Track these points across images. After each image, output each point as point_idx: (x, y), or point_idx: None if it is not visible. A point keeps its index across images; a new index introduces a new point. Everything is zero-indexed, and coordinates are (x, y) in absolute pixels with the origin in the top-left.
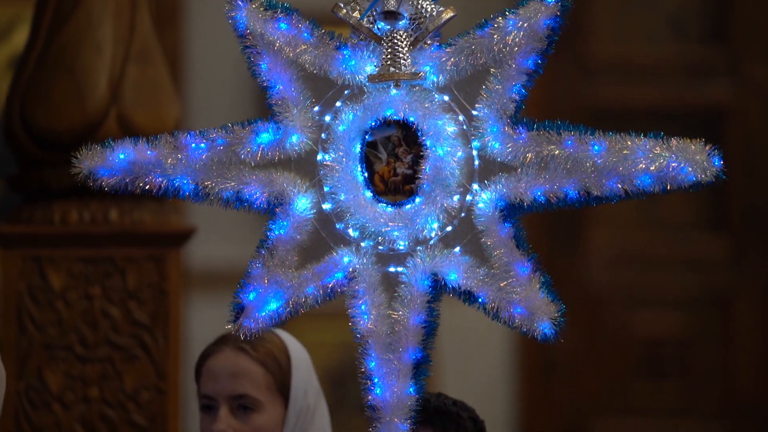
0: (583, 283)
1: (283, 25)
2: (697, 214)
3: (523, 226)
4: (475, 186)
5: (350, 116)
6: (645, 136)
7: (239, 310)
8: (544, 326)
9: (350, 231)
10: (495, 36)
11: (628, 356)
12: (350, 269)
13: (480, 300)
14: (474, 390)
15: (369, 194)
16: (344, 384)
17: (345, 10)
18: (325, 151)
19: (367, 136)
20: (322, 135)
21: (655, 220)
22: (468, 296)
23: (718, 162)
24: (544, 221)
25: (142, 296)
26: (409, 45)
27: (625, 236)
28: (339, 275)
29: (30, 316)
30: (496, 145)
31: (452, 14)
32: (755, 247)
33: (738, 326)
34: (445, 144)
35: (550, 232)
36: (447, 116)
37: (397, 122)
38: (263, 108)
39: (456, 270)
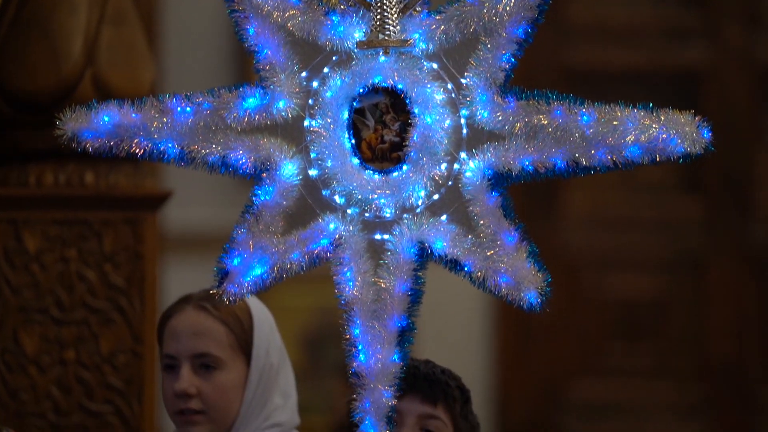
0: (558, 245)
1: None
2: (673, 177)
3: (510, 195)
4: (463, 154)
5: (338, 82)
6: (634, 106)
7: (223, 275)
8: (530, 296)
9: (336, 198)
10: (485, 4)
11: (603, 318)
12: (336, 236)
13: (466, 269)
14: (452, 353)
15: (356, 161)
16: (322, 348)
17: None
18: (312, 117)
19: (354, 103)
20: (310, 101)
21: (630, 182)
22: (454, 265)
23: (707, 134)
24: (519, 184)
25: (118, 259)
26: (399, 12)
27: (600, 198)
28: (324, 242)
29: (5, 279)
30: (485, 114)
31: None
32: (730, 210)
33: (712, 288)
34: (433, 112)
35: (525, 194)
36: (436, 84)
37: (385, 89)
38: (239, 70)
39: (443, 238)
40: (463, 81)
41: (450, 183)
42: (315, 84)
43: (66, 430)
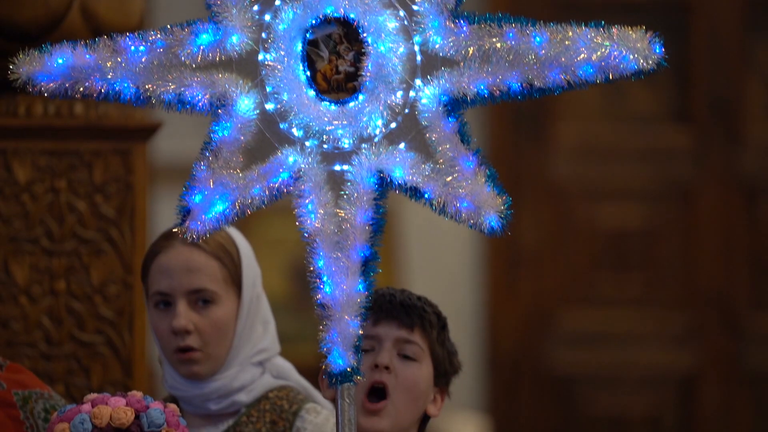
0: (547, 175)
1: None
2: (662, 106)
3: (468, 120)
4: (418, 81)
5: (290, 15)
6: (586, 25)
7: (185, 212)
8: (490, 219)
9: (294, 130)
10: None
11: (592, 247)
12: (296, 169)
13: (426, 196)
14: (441, 282)
15: (312, 93)
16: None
17: None
18: (266, 50)
19: (308, 35)
20: (263, 34)
21: (619, 112)
22: (414, 192)
23: (659, 49)
24: (508, 115)
25: (108, 190)
26: None
27: (589, 129)
28: (285, 175)
29: None
30: (438, 40)
31: None
32: (719, 139)
33: (700, 217)
34: (386, 40)
35: (514, 125)
36: (387, 12)
37: (337, 19)
38: None
39: (401, 166)
40: (414, 7)
41: (407, 111)
42: (267, 17)
43: (57, 359)
